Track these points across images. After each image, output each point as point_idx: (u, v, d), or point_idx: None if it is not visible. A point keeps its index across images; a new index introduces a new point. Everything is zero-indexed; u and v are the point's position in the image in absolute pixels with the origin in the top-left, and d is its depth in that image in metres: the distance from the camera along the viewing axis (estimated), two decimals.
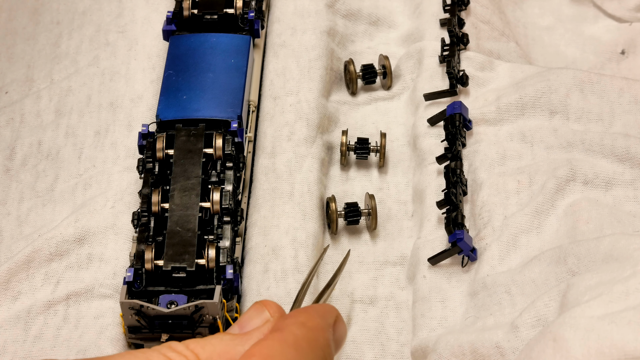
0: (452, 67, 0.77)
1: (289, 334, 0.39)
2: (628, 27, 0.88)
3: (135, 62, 0.81)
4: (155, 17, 0.83)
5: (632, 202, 0.69)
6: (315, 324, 0.41)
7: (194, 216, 0.65)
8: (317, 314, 0.42)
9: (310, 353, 0.39)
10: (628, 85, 0.76)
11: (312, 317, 0.41)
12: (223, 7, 0.77)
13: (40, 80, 0.82)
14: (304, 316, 0.41)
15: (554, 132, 0.74)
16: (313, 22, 0.82)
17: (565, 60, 0.87)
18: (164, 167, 0.68)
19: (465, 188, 0.72)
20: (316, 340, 0.40)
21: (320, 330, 0.41)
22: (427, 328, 0.66)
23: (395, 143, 0.79)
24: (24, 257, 0.70)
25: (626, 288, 0.54)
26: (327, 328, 0.42)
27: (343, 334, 0.43)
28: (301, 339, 0.39)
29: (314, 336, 0.40)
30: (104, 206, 0.72)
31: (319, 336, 0.40)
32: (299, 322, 0.40)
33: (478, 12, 0.84)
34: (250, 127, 0.75)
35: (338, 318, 0.43)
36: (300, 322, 0.41)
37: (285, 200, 0.73)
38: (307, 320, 0.41)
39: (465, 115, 0.74)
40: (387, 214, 0.75)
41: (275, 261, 0.69)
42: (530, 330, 0.59)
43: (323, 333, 0.41)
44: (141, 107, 0.78)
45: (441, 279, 0.69)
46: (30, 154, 0.77)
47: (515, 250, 0.67)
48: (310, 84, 0.78)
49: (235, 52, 0.75)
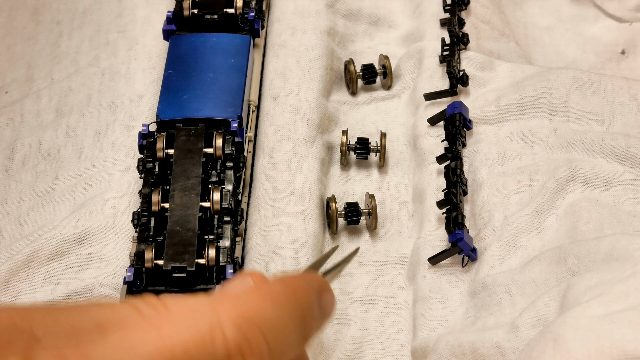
0: (452, 67, 0.77)
1: (266, 288, 0.38)
2: (628, 27, 0.88)
3: (136, 62, 0.81)
4: (155, 17, 0.83)
5: (632, 202, 0.69)
6: (296, 283, 0.40)
7: (194, 216, 0.65)
8: (302, 277, 0.41)
9: (288, 307, 0.38)
10: (628, 85, 0.76)
11: (294, 278, 0.40)
12: (223, 7, 0.77)
13: (40, 80, 0.82)
14: (286, 277, 0.40)
15: (554, 132, 0.74)
16: (313, 22, 0.82)
17: (566, 60, 0.87)
18: (164, 167, 0.68)
19: (466, 188, 0.72)
20: (295, 296, 0.39)
21: (302, 290, 0.39)
22: (427, 328, 0.66)
23: (395, 143, 0.79)
24: (24, 256, 0.70)
25: (626, 288, 0.54)
26: (310, 290, 0.40)
27: (330, 303, 0.42)
28: (278, 293, 0.38)
29: (292, 292, 0.39)
30: (104, 206, 0.72)
31: (299, 294, 0.39)
32: (279, 280, 0.39)
33: (478, 12, 0.84)
34: (250, 127, 0.75)
35: (325, 287, 0.42)
36: (281, 280, 0.40)
37: (285, 200, 0.73)
38: (289, 280, 0.40)
39: (465, 115, 0.74)
40: (387, 214, 0.75)
41: (275, 261, 0.69)
42: (531, 330, 0.59)
43: (304, 293, 0.39)
44: (141, 106, 0.78)
45: (441, 279, 0.69)
46: (31, 153, 0.77)
47: (516, 250, 0.67)
48: (311, 84, 0.78)
49: (235, 52, 0.75)
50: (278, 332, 0.36)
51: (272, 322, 0.36)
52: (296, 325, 0.38)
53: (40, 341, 0.31)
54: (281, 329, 0.37)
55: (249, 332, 0.35)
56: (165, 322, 0.33)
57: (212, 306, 0.35)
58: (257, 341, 0.35)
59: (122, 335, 0.32)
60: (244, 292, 0.37)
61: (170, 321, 0.33)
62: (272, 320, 0.36)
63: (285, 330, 0.37)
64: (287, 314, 0.37)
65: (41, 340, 0.32)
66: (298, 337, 0.38)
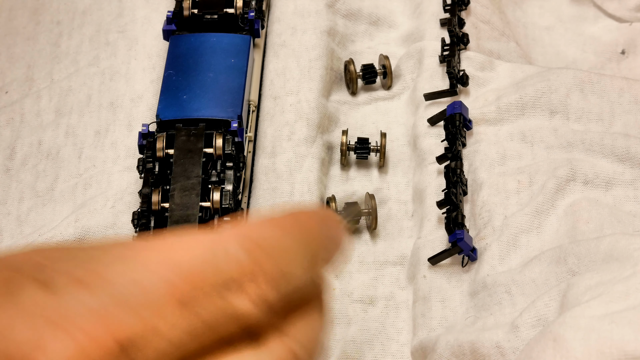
0: (452, 67, 0.77)
1: (274, 216, 0.37)
2: (628, 27, 0.88)
3: (136, 62, 0.81)
4: (155, 17, 0.83)
5: (632, 202, 0.69)
6: (302, 212, 0.38)
7: (194, 216, 0.65)
8: (306, 207, 0.40)
9: (293, 232, 0.36)
10: (628, 85, 0.76)
11: (298, 206, 0.40)
12: (223, 6, 0.77)
13: (40, 80, 0.82)
14: (291, 206, 0.39)
15: (554, 132, 0.74)
16: (313, 22, 0.82)
17: (566, 60, 0.87)
18: (164, 167, 0.68)
19: (466, 188, 0.72)
20: (301, 223, 0.37)
21: (308, 217, 0.38)
22: (427, 328, 0.66)
23: (395, 143, 0.79)
24: None
25: (626, 288, 0.54)
26: (318, 219, 0.39)
27: (340, 234, 0.40)
28: (283, 219, 0.37)
29: (297, 219, 0.37)
30: (104, 206, 0.72)
31: (305, 221, 0.37)
32: (285, 210, 0.39)
33: (478, 12, 0.84)
34: (250, 127, 0.75)
35: (334, 217, 0.40)
36: (286, 209, 0.39)
37: (285, 200, 0.73)
38: (294, 208, 0.40)
39: (465, 115, 0.74)
40: (387, 214, 0.75)
41: None
42: (531, 330, 0.59)
43: (311, 220, 0.38)
44: (141, 106, 0.78)
45: (441, 279, 0.69)
46: (31, 153, 0.77)
47: (516, 250, 0.67)
48: (311, 84, 0.78)
49: (235, 52, 0.75)
50: (286, 256, 0.36)
51: (280, 247, 0.36)
52: (301, 249, 0.37)
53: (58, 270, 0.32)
54: (289, 254, 0.36)
55: (259, 255, 0.35)
56: (179, 244, 0.34)
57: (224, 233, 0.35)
58: (266, 263, 0.35)
59: (136, 258, 0.33)
60: (251, 221, 0.37)
61: (185, 244, 0.34)
62: (279, 244, 0.36)
63: (294, 255, 0.36)
64: (294, 239, 0.37)
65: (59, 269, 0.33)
66: (305, 262, 0.37)
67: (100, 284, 0.31)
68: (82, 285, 0.31)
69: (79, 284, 0.31)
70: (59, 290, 0.31)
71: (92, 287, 0.31)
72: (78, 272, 0.32)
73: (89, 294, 0.31)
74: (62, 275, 0.32)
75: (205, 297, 0.33)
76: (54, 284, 0.31)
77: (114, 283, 0.32)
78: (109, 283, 0.31)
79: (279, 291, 0.35)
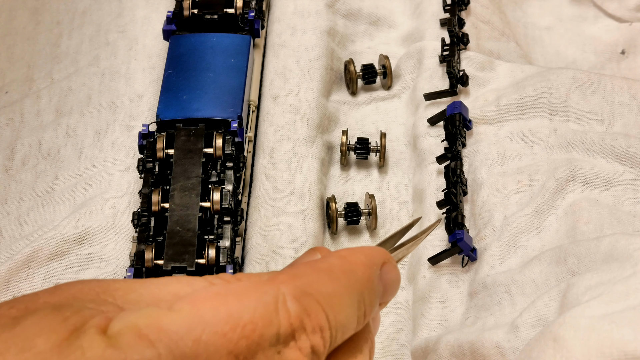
0: (452, 67, 0.77)
1: (323, 262, 0.38)
2: (628, 27, 0.88)
3: (135, 62, 0.81)
4: (155, 17, 0.83)
5: (632, 202, 0.69)
6: (355, 258, 0.39)
7: (194, 216, 0.65)
8: (362, 251, 0.40)
9: (345, 282, 0.37)
10: (628, 85, 0.76)
11: (354, 251, 0.39)
12: (223, 7, 0.77)
13: (40, 80, 0.82)
14: (345, 251, 0.39)
15: (554, 132, 0.74)
16: (313, 22, 0.82)
17: (565, 60, 0.87)
18: (164, 167, 0.68)
19: (465, 188, 0.72)
20: (353, 271, 0.38)
21: (361, 264, 0.38)
22: (427, 328, 0.66)
23: (395, 143, 0.79)
24: (24, 256, 0.70)
25: (626, 288, 0.54)
26: (370, 265, 0.39)
27: (394, 277, 0.41)
28: (336, 267, 0.37)
29: (350, 267, 0.38)
30: (104, 206, 0.72)
31: (357, 269, 0.38)
32: (338, 254, 0.39)
33: (478, 12, 0.84)
34: (250, 127, 0.75)
35: (389, 260, 0.41)
36: (340, 254, 0.39)
37: (285, 200, 0.73)
38: (348, 254, 0.39)
39: (465, 115, 0.74)
40: (387, 214, 0.75)
41: (275, 261, 0.69)
42: (531, 330, 0.59)
43: (363, 267, 0.38)
44: (141, 107, 0.78)
45: (441, 279, 0.69)
46: (30, 153, 0.77)
47: (515, 250, 0.67)
48: (311, 84, 0.78)
49: (235, 52, 0.75)
50: (335, 305, 0.36)
51: (329, 296, 0.36)
52: (353, 299, 0.37)
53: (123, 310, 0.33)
54: (338, 303, 0.37)
55: (309, 305, 0.35)
56: (233, 295, 0.34)
57: (275, 282, 0.36)
58: (316, 313, 0.35)
59: (194, 307, 0.33)
60: (301, 268, 0.37)
61: (238, 295, 0.34)
62: (328, 293, 0.36)
63: (343, 304, 0.37)
64: (343, 288, 0.37)
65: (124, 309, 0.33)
66: (356, 312, 0.38)
67: (160, 338, 0.32)
68: (144, 340, 0.32)
69: (141, 339, 0.32)
70: (121, 344, 0.32)
71: (154, 343, 0.32)
72: (141, 321, 0.32)
73: (150, 351, 0.32)
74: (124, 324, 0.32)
75: (260, 350, 0.34)
76: (117, 333, 0.32)
77: (172, 337, 0.32)
78: (169, 338, 0.32)
79: (330, 340, 0.36)
